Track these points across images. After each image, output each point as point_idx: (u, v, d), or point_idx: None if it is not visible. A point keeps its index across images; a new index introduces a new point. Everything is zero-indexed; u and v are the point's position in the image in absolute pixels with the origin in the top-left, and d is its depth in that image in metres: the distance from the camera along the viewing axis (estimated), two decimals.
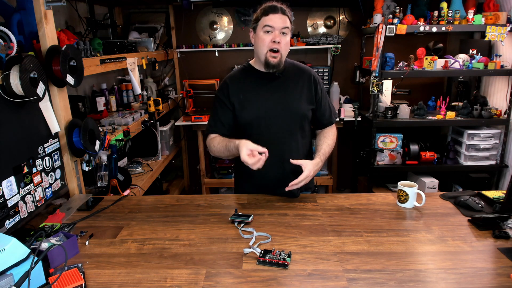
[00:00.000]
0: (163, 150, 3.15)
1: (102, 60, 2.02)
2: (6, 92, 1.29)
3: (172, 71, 3.61)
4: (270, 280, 1.04)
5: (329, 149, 1.61)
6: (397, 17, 2.77)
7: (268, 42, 1.47)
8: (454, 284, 1.00)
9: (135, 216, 1.46)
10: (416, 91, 3.33)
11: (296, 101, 1.57)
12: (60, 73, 1.51)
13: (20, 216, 1.35)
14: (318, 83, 1.62)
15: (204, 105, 3.64)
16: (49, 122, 1.53)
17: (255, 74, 1.59)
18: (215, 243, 1.24)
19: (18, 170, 1.35)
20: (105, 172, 1.82)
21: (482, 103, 2.98)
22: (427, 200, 1.47)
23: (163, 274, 1.07)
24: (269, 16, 1.46)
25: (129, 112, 2.61)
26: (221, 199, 1.60)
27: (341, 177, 3.69)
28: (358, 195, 1.60)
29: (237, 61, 3.56)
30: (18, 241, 0.98)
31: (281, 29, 1.46)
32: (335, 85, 3.36)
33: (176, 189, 3.53)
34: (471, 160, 3.00)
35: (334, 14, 3.50)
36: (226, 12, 3.51)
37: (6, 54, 1.33)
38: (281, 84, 1.58)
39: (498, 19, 2.74)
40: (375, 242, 1.22)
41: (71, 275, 1.02)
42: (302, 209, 1.47)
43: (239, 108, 1.57)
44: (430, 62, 2.86)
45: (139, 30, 3.20)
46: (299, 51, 3.45)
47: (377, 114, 2.96)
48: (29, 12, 1.52)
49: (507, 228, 1.27)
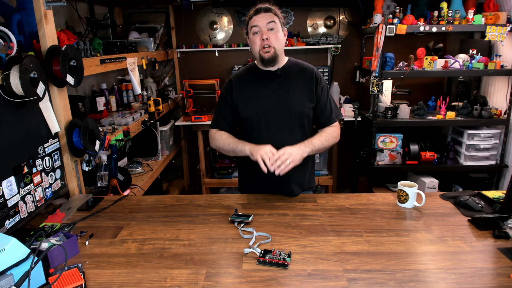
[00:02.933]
0: (163, 150, 3.15)
1: (102, 60, 2.02)
2: (6, 92, 1.29)
3: (172, 71, 3.61)
4: (270, 280, 1.04)
5: (319, 142, 1.55)
6: (397, 17, 2.77)
7: (258, 42, 1.54)
8: (454, 284, 1.00)
9: (135, 216, 1.46)
10: (416, 91, 3.33)
11: (297, 100, 1.59)
12: (60, 73, 1.51)
13: (20, 216, 1.35)
14: (319, 81, 1.63)
15: (204, 105, 3.64)
16: (49, 122, 1.53)
17: (258, 73, 1.64)
18: (215, 243, 1.24)
19: (18, 170, 1.35)
20: (105, 172, 1.82)
21: (482, 103, 2.98)
22: (427, 200, 1.47)
23: (163, 274, 1.07)
24: (254, 18, 1.54)
25: (129, 112, 2.61)
26: (221, 199, 1.60)
27: (341, 177, 3.69)
28: (358, 195, 1.60)
29: (237, 61, 3.56)
30: (18, 241, 0.98)
31: (267, 26, 1.52)
32: (335, 85, 3.36)
33: (176, 189, 3.53)
34: (471, 160, 3.00)
35: (334, 14, 3.50)
36: (226, 12, 3.51)
37: (6, 54, 1.33)
38: (283, 83, 1.61)
39: (498, 19, 2.74)
40: (375, 242, 1.22)
41: (71, 275, 1.02)
42: (302, 209, 1.47)
43: (242, 105, 1.62)
44: (430, 62, 2.86)
45: (139, 30, 3.20)
46: (299, 51, 3.45)
47: (377, 114, 2.96)
48: (29, 12, 1.53)
49: (507, 228, 1.27)
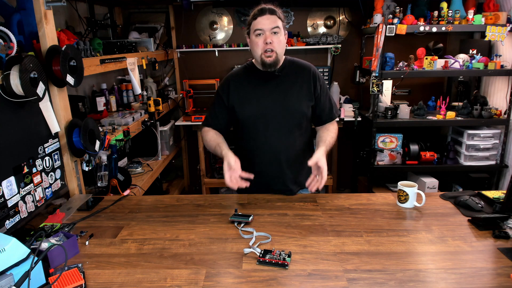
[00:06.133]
0: (163, 150, 3.15)
1: (102, 60, 2.02)
2: (6, 92, 1.29)
3: (172, 71, 3.61)
4: (270, 280, 1.04)
5: (332, 141, 1.61)
6: (397, 17, 2.77)
7: (261, 44, 1.51)
8: (454, 284, 1.00)
9: (135, 216, 1.46)
10: (416, 91, 3.33)
11: (295, 100, 1.59)
12: (60, 73, 1.51)
13: (20, 216, 1.35)
14: (318, 79, 1.63)
15: (204, 105, 3.64)
16: (49, 122, 1.53)
17: (255, 73, 1.63)
18: (215, 243, 1.24)
19: (18, 170, 1.35)
20: (105, 172, 1.82)
21: (482, 103, 2.98)
22: (427, 200, 1.47)
23: (163, 274, 1.07)
24: (258, 20, 1.50)
25: (129, 112, 2.60)
26: (221, 199, 1.60)
27: (341, 177, 3.69)
28: (358, 195, 1.60)
29: (237, 61, 3.56)
30: (18, 241, 0.98)
31: (271, 29, 1.50)
32: (335, 85, 3.36)
33: (176, 189, 3.53)
34: (471, 160, 3.00)
35: (334, 14, 3.50)
36: (226, 12, 3.51)
37: (6, 54, 1.33)
38: (280, 83, 1.60)
39: (498, 19, 2.74)
40: (375, 242, 1.22)
41: (71, 275, 1.02)
42: (302, 209, 1.47)
43: (239, 105, 1.61)
44: (430, 62, 2.86)
45: (139, 30, 3.20)
46: (299, 51, 3.45)
47: (377, 114, 2.96)
48: (29, 12, 1.53)
49: (507, 228, 1.26)
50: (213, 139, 1.62)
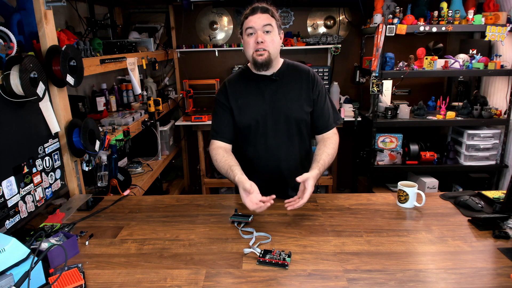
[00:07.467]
0: (163, 150, 3.15)
1: (102, 60, 2.02)
2: (6, 92, 1.29)
3: (172, 71, 3.61)
4: (270, 280, 1.04)
5: (328, 159, 1.49)
6: (397, 17, 2.77)
7: (252, 44, 1.44)
8: (454, 284, 1.00)
9: (135, 216, 1.46)
10: (416, 91, 3.33)
11: (294, 105, 1.53)
12: (60, 73, 1.51)
13: (20, 216, 1.35)
14: (316, 83, 1.56)
15: (204, 105, 3.65)
16: (49, 122, 1.53)
17: (252, 78, 1.56)
18: (215, 243, 1.24)
19: (18, 170, 1.35)
20: (105, 172, 1.82)
21: (482, 103, 2.98)
22: (427, 200, 1.47)
23: (163, 274, 1.07)
24: (249, 19, 1.44)
25: (129, 112, 2.61)
26: (221, 199, 1.60)
27: (341, 177, 3.69)
28: (358, 195, 1.60)
29: (237, 61, 3.56)
30: (18, 241, 0.98)
31: (263, 28, 1.42)
32: (335, 85, 3.36)
33: (176, 189, 3.53)
34: (471, 160, 3.00)
35: (334, 14, 3.50)
36: (226, 12, 3.51)
37: (6, 54, 1.33)
38: (278, 88, 1.54)
39: (498, 19, 2.74)
40: (375, 242, 1.22)
41: (71, 275, 1.02)
42: (302, 209, 1.47)
43: (237, 112, 1.55)
44: (430, 62, 2.86)
45: (139, 30, 3.20)
46: (299, 51, 3.45)
47: (377, 114, 2.96)
48: (29, 12, 1.53)
49: (507, 228, 1.26)
50: (223, 161, 1.48)
